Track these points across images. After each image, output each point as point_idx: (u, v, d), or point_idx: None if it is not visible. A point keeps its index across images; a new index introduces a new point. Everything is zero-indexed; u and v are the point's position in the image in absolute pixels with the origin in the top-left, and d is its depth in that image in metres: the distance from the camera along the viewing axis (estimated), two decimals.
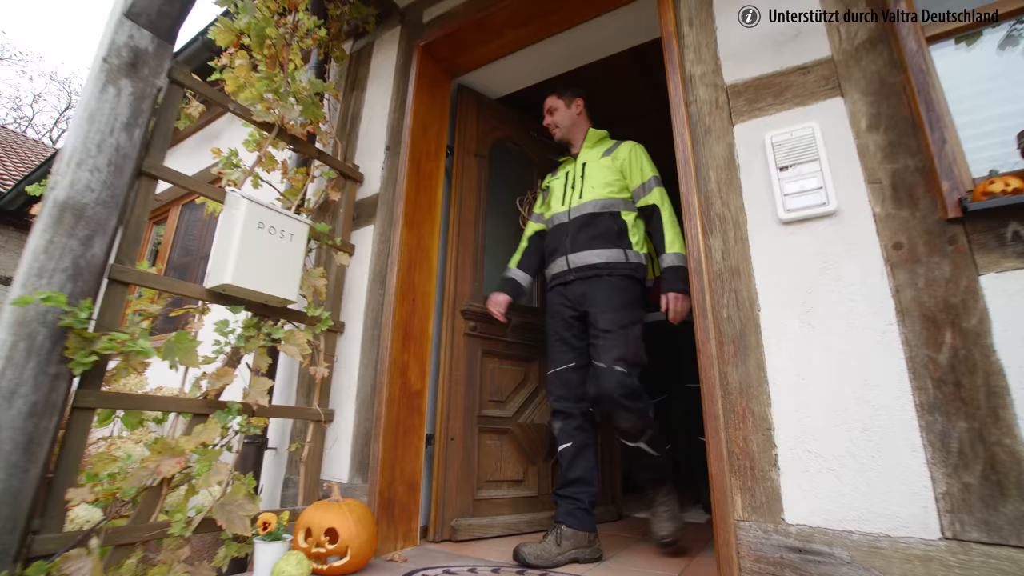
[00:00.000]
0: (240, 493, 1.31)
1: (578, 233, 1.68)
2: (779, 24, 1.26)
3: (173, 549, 1.19)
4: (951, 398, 0.89)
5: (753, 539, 0.99)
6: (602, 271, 1.62)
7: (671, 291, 1.53)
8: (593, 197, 1.70)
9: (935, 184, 0.99)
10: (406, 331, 1.71)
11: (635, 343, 1.55)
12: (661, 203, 1.64)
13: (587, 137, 1.84)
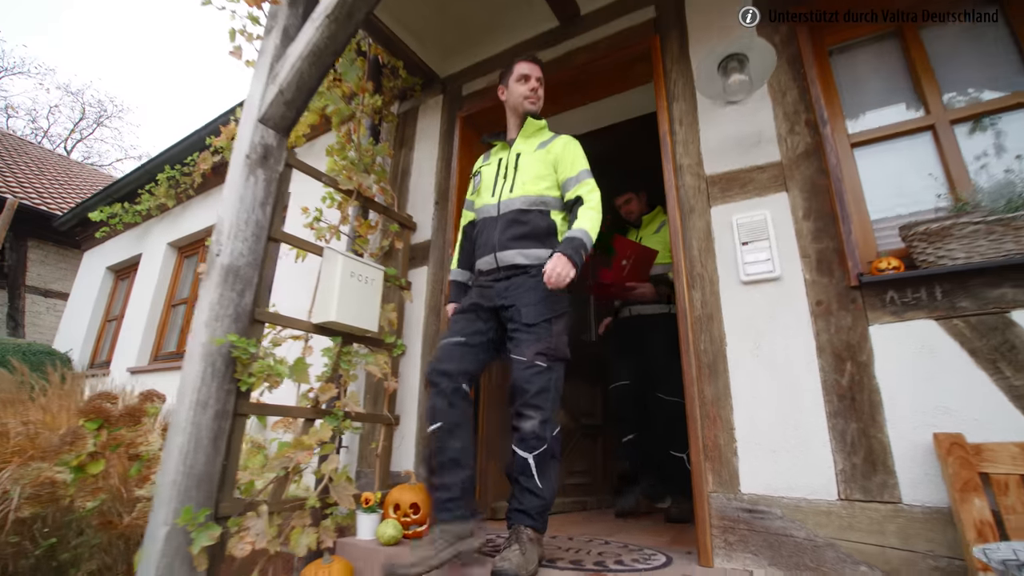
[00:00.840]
0: (343, 478, 1.76)
1: (507, 229, 1.62)
2: (746, 131, 1.72)
3: (301, 516, 1.63)
4: (848, 408, 1.35)
5: (719, 504, 1.44)
6: (530, 271, 1.57)
7: (559, 251, 1.45)
8: (524, 192, 1.65)
9: (844, 261, 1.45)
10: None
11: (558, 337, 1.51)
12: (587, 195, 1.59)
13: (525, 125, 1.76)
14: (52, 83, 23.43)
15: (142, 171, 4.27)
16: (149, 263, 4.28)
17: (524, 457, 1.39)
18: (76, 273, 7.34)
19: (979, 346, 1.24)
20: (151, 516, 1.41)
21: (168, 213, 4.27)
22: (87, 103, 16.07)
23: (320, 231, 2.17)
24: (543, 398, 1.42)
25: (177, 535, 1.36)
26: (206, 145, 3.69)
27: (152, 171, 4.14)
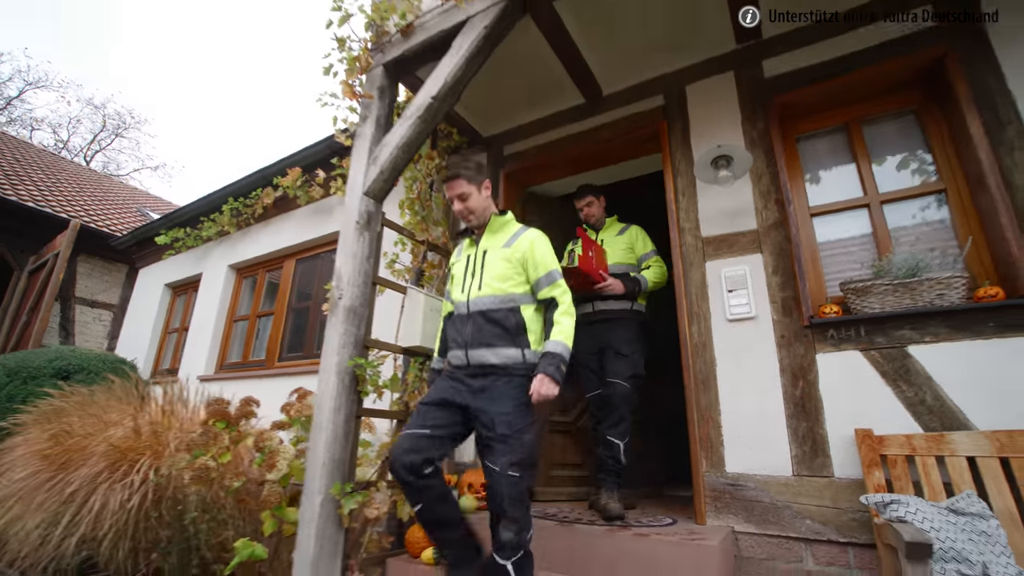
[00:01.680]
0: None
1: (477, 328, 1.69)
2: (732, 205, 2.29)
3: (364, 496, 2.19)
4: (800, 412, 1.92)
5: (710, 481, 2.00)
6: (499, 372, 1.63)
7: (541, 372, 1.55)
8: (491, 292, 1.71)
9: (800, 306, 2.02)
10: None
11: (529, 446, 1.57)
12: (560, 297, 1.68)
13: (489, 223, 1.83)
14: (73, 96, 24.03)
15: (205, 201, 4.82)
16: (211, 282, 4.82)
17: (503, 564, 1.50)
18: (120, 285, 7.90)
19: (887, 369, 1.81)
20: (305, 489, 1.97)
21: (228, 238, 4.82)
22: (107, 115, 16.59)
23: (398, 272, 2.73)
24: (518, 508, 1.52)
25: (327, 502, 1.92)
26: (269, 183, 4.27)
27: (216, 202, 4.69)
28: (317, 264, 4.11)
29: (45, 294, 5.90)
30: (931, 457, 1.62)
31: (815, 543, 1.78)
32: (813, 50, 2.31)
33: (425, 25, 2.40)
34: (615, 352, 2.38)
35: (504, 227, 1.84)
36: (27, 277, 6.83)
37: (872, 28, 2.19)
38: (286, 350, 4.02)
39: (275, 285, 4.49)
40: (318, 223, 4.05)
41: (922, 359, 1.78)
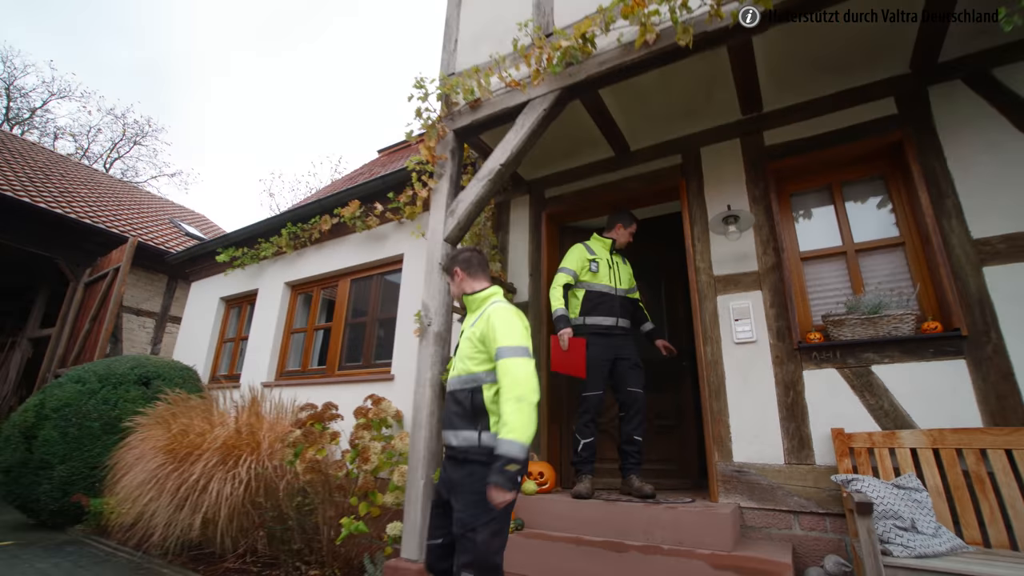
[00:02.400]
0: None
1: (446, 409, 1.76)
2: (739, 251, 2.88)
3: None
4: (790, 415, 2.50)
5: (721, 468, 2.59)
6: (459, 455, 1.65)
7: (491, 483, 1.49)
8: (458, 372, 1.77)
9: (791, 333, 2.60)
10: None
11: (484, 546, 1.52)
12: (504, 380, 1.58)
13: (466, 302, 1.94)
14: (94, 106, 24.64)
15: (263, 225, 5.38)
16: (268, 297, 5.38)
17: None
18: (161, 294, 8.45)
19: (855, 383, 2.40)
20: (410, 476, 2.54)
21: (283, 257, 5.38)
22: (127, 124, 17.11)
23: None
24: None
25: (428, 484, 2.49)
26: (327, 211, 4.83)
27: (275, 225, 5.25)
28: (371, 284, 4.68)
29: (108, 305, 6.45)
30: (885, 448, 2.20)
31: (801, 514, 2.37)
32: (804, 126, 2.90)
33: (491, 101, 2.98)
34: (633, 363, 2.90)
35: (479, 304, 1.87)
36: (83, 288, 7.37)
37: (850, 111, 2.79)
38: (345, 360, 4.59)
39: (329, 301, 5.06)
40: (372, 248, 4.62)
41: (881, 376, 2.36)
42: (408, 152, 8.77)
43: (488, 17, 3.31)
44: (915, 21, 2.38)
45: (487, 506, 1.53)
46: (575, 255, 3.08)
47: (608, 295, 3.01)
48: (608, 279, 3.03)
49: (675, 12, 2.31)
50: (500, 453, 1.50)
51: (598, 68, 2.58)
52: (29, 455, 4.29)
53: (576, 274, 3.04)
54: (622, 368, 2.91)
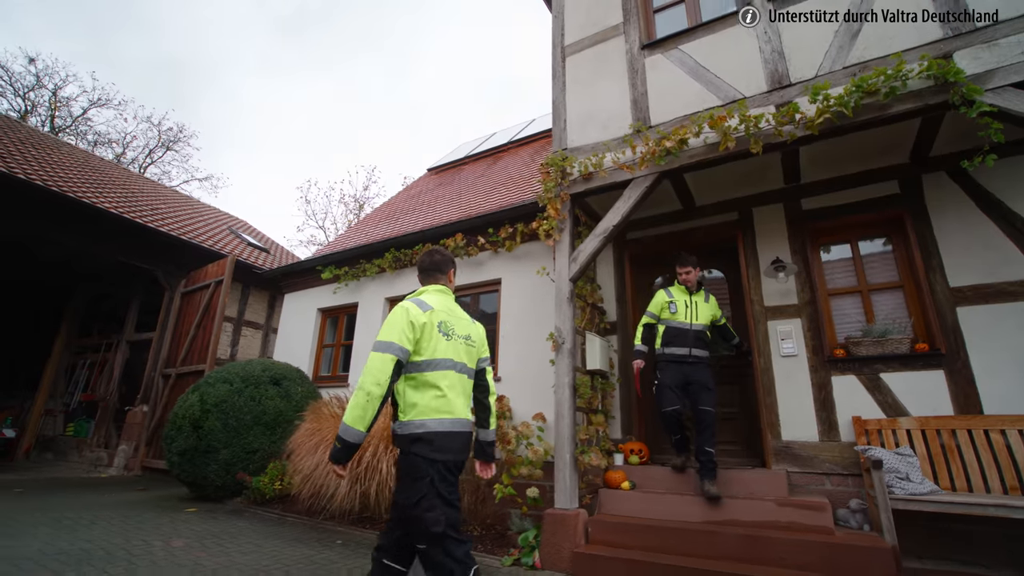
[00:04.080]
0: (604, 447, 3.96)
1: None
2: (784, 288, 3.95)
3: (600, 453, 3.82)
4: (822, 407, 3.59)
5: (773, 445, 3.68)
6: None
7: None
8: None
9: (823, 350, 3.69)
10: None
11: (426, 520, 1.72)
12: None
13: None
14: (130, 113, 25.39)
15: (366, 248, 6.37)
16: (369, 310, 6.38)
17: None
18: (237, 301, 9.39)
19: (868, 385, 3.49)
20: (558, 450, 3.59)
21: (382, 276, 6.38)
22: (163, 131, 17.83)
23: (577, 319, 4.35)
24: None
25: (571, 457, 3.55)
26: (430, 240, 5.83)
27: (378, 249, 6.24)
28: (468, 303, 5.70)
29: (213, 314, 7.42)
30: (890, 429, 3.29)
31: (831, 475, 3.46)
32: (832, 196, 3.96)
33: (599, 175, 4.01)
34: (704, 385, 3.51)
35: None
36: (180, 298, 8.32)
37: (865, 188, 3.85)
38: None
39: None
40: (469, 272, 5.64)
41: (887, 380, 3.45)
42: (456, 172, 9.76)
43: (589, 104, 4.33)
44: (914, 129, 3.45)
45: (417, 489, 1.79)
46: (656, 300, 3.86)
47: (683, 330, 3.67)
48: (684, 317, 3.70)
49: (749, 130, 3.35)
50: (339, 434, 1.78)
51: (688, 160, 3.62)
52: (198, 441, 5.30)
53: (657, 315, 3.81)
54: (694, 389, 3.53)
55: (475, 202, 6.85)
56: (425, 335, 1.89)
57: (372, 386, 1.74)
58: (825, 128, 3.17)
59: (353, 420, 1.73)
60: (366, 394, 1.73)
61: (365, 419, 1.73)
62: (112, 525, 4.18)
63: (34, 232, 7.08)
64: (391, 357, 1.79)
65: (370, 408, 1.73)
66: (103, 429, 8.47)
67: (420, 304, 1.96)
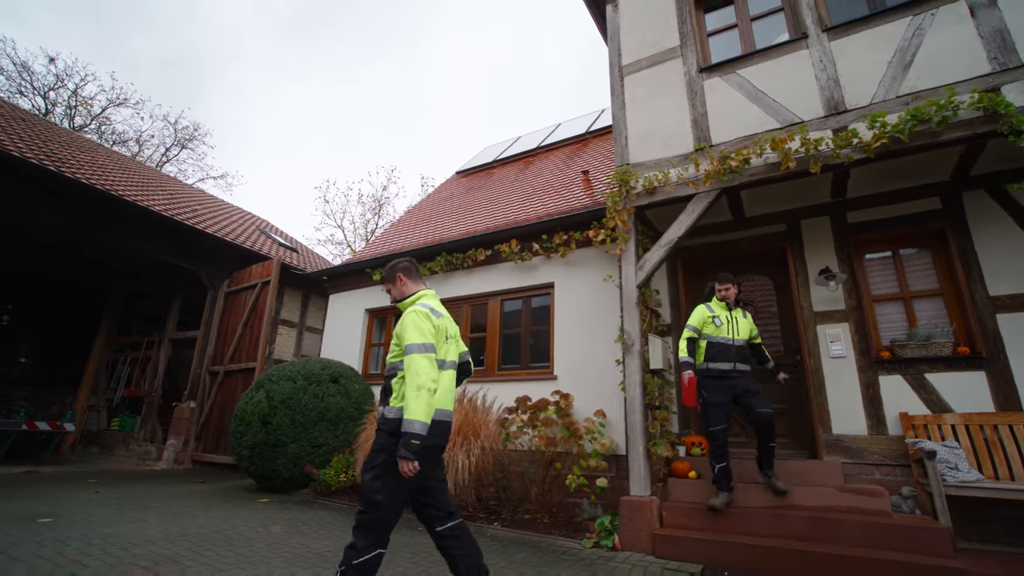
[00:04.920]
0: (669, 439, 4.30)
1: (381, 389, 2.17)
2: (831, 296, 4.29)
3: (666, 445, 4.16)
4: (870, 403, 3.95)
5: (825, 439, 4.03)
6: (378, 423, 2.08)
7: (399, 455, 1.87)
8: (387, 362, 2.18)
9: (870, 351, 4.04)
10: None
11: (367, 487, 1.92)
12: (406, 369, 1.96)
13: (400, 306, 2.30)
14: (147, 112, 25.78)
15: (417, 251, 6.67)
16: None
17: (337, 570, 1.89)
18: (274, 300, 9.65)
19: (914, 384, 3.84)
20: (630, 447, 3.92)
21: (432, 278, 6.68)
22: (179, 128, 17.98)
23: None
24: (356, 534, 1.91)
25: (644, 449, 3.88)
26: (483, 244, 6.14)
27: (430, 252, 6.55)
28: (520, 304, 6.02)
29: (262, 314, 7.70)
30: (935, 425, 3.65)
31: (880, 466, 3.81)
32: (876, 211, 4.30)
33: (663, 189, 4.33)
34: (753, 391, 3.60)
35: (406, 307, 2.24)
36: (225, 298, 8.59)
37: (908, 203, 4.20)
38: (501, 362, 5.94)
39: (477, 315, 6.38)
40: (522, 276, 5.96)
41: (931, 379, 3.80)
42: (486, 176, 10.05)
43: (649, 122, 4.65)
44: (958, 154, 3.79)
45: (374, 460, 2.01)
46: (696, 314, 3.87)
47: (726, 345, 3.74)
48: (727, 332, 3.77)
49: (809, 152, 3.68)
50: (404, 431, 1.88)
51: (749, 178, 3.95)
52: (267, 436, 5.60)
53: (699, 329, 3.81)
54: (746, 399, 3.60)
55: (515, 208, 7.16)
56: (438, 339, 2.11)
57: (430, 383, 1.94)
58: (880, 152, 3.51)
59: (423, 415, 1.89)
60: (429, 391, 1.92)
61: (431, 411, 1.94)
62: (205, 513, 4.48)
63: (81, 229, 7.34)
64: (433, 356, 2.01)
65: (432, 400, 1.94)
66: (149, 424, 8.75)
67: (433, 312, 2.16)
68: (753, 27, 4.67)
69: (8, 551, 3.11)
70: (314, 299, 10.42)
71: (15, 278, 9.56)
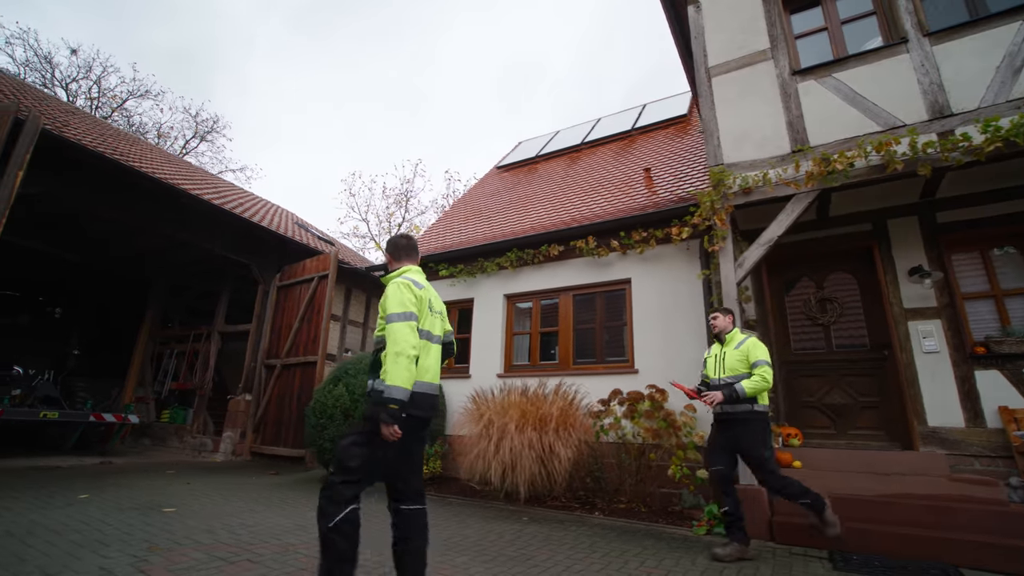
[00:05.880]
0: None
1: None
2: (922, 293, 4.44)
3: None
4: (966, 398, 4.11)
5: (920, 431, 4.19)
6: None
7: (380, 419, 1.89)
8: (374, 336, 2.21)
9: (963, 347, 4.20)
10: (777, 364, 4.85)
11: (343, 453, 1.96)
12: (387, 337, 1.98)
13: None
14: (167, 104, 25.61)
15: (487, 247, 6.76)
16: (486, 306, 6.79)
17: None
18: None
19: (1012, 379, 4.00)
20: None
21: (498, 274, 6.78)
22: (199, 121, 17.86)
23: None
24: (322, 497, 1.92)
25: None
26: (557, 240, 6.24)
27: (500, 247, 6.64)
28: (593, 299, 6.14)
29: (321, 309, 7.78)
30: None
31: (979, 457, 3.98)
32: (966, 211, 4.45)
33: (761, 189, 4.45)
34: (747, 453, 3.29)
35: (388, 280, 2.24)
36: (277, 291, 8.65)
37: (998, 204, 4.34)
38: (575, 356, 6.07)
39: (546, 310, 6.50)
40: (596, 271, 6.08)
41: None
42: (529, 171, 10.12)
43: (740, 124, 4.76)
44: None
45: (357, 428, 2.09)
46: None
47: (712, 387, 3.49)
48: (713, 372, 3.54)
49: (917, 155, 3.81)
50: (384, 396, 1.89)
51: (850, 179, 4.08)
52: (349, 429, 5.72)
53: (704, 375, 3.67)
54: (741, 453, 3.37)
55: (575, 203, 7.26)
56: (421, 310, 2.14)
57: (410, 349, 1.95)
58: (992, 155, 3.64)
59: (403, 381, 1.91)
60: (408, 358, 1.93)
61: (412, 378, 1.96)
62: (309, 502, 4.60)
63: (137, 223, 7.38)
64: (414, 323, 2.03)
65: (412, 367, 1.96)
66: (201, 416, 8.83)
67: (415, 283, 2.17)
68: (844, 29, 4.77)
69: (191, 537, 3.23)
70: (356, 293, 10.50)
71: (64, 271, 9.56)
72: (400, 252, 2.42)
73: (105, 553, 2.87)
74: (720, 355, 3.58)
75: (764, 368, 3.29)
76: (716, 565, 3.08)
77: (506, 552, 3.27)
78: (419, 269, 2.39)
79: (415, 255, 2.45)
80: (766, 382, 3.25)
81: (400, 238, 2.47)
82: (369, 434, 1.98)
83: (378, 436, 1.94)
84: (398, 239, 2.47)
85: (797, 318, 5.19)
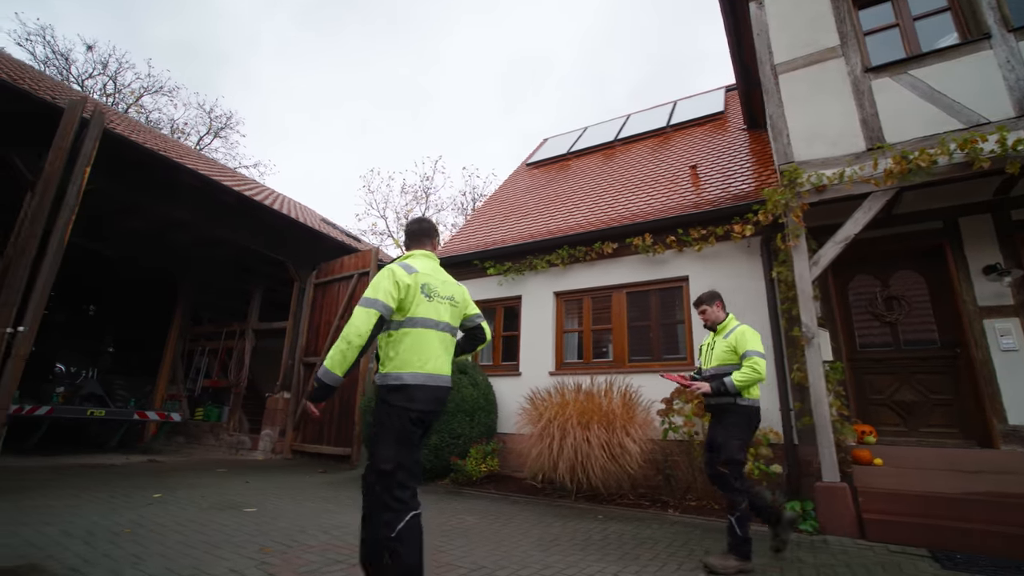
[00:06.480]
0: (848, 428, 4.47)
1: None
2: (998, 290, 4.44)
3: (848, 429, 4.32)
4: None
5: (1000, 429, 4.19)
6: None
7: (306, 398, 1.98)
8: None
9: None
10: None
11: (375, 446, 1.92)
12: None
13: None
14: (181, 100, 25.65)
15: (536, 244, 6.73)
16: (535, 303, 6.76)
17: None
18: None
19: None
20: (819, 435, 4.06)
21: (547, 271, 6.76)
22: (213, 117, 17.71)
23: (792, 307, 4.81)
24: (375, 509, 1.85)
25: (832, 439, 4.03)
26: (611, 237, 6.22)
27: (549, 245, 6.61)
28: (648, 296, 6.13)
29: None
30: None
31: None
32: None
33: (835, 187, 4.44)
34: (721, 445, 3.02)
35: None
36: (314, 289, 8.60)
37: None
38: (630, 354, 6.06)
39: (598, 307, 6.48)
40: (650, 269, 6.06)
41: None
42: (561, 168, 10.08)
43: (811, 121, 4.74)
44: None
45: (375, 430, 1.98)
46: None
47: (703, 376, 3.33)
48: (704, 361, 3.38)
49: (1006, 152, 3.81)
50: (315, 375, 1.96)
51: (931, 177, 4.07)
52: None
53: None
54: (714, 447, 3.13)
55: (619, 201, 7.24)
56: (409, 296, 2.01)
57: (354, 336, 1.87)
58: None
59: (333, 365, 1.87)
60: (347, 343, 1.87)
61: (344, 365, 1.88)
62: None
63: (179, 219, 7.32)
64: (375, 312, 1.92)
65: (349, 356, 1.87)
66: (236, 414, 8.79)
67: (406, 267, 2.08)
68: (916, 25, 4.75)
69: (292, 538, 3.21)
70: None
71: (98, 267, 9.48)
72: (410, 238, 2.35)
73: (219, 554, 2.85)
74: (711, 343, 3.35)
75: (755, 359, 2.97)
76: (831, 560, 3.08)
77: (608, 551, 3.26)
78: (426, 253, 2.28)
79: (426, 239, 2.33)
80: (758, 374, 2.95)
81: (411, 223, 2.39)
82: (387, 430, 1.93)
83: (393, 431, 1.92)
84: (409, 224, 2.39)
85: (861, 316, 5.19)
